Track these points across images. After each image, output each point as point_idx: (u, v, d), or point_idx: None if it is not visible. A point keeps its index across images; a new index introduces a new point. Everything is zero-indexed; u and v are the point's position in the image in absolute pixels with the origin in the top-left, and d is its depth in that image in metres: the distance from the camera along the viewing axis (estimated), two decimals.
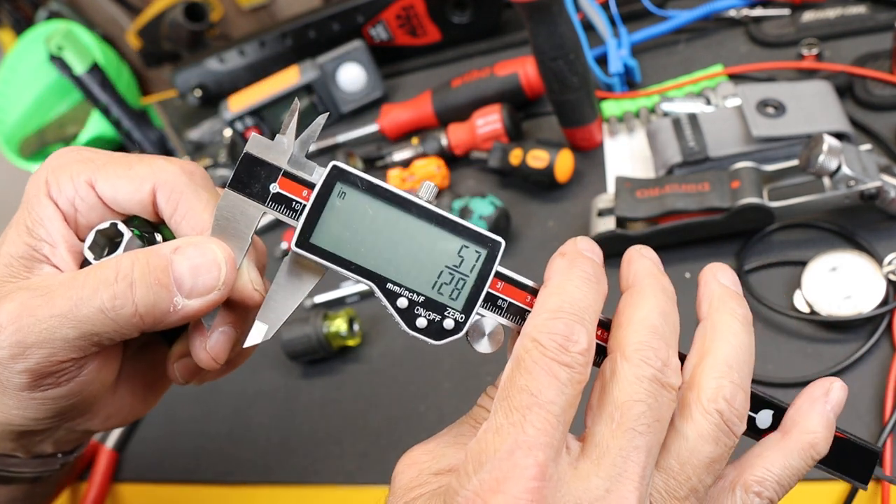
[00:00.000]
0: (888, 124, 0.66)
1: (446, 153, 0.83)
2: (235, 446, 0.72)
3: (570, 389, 0.30)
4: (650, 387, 0.31)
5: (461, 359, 0.68)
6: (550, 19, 0.66)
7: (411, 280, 0.34)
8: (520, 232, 0.75)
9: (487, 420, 0.30)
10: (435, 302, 0.34)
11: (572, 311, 0.31)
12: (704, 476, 0.32)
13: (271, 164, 0.34)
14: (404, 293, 0.34)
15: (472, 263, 0.34)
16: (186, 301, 0.35)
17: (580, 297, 0.32)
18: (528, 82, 0.83)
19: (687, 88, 0.76)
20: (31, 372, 0.34)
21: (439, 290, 0.34)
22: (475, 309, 0.34)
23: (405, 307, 0.34)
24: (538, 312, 0.32)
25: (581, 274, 0.33)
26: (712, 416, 0.32)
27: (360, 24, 0.98)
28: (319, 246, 0.34)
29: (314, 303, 0.78)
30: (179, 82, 1.08)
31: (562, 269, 0.33)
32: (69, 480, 0.74)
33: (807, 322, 0.58)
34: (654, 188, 0.65)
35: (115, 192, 0.38)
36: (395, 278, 0.34)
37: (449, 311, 0.34)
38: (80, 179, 0.37)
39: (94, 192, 0.38)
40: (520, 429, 0.29)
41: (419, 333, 0.34)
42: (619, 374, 0.31)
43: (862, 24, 0.75)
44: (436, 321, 0.34)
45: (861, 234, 0.60)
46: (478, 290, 0.34)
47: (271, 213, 0.34)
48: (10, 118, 1.21)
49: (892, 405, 0.51)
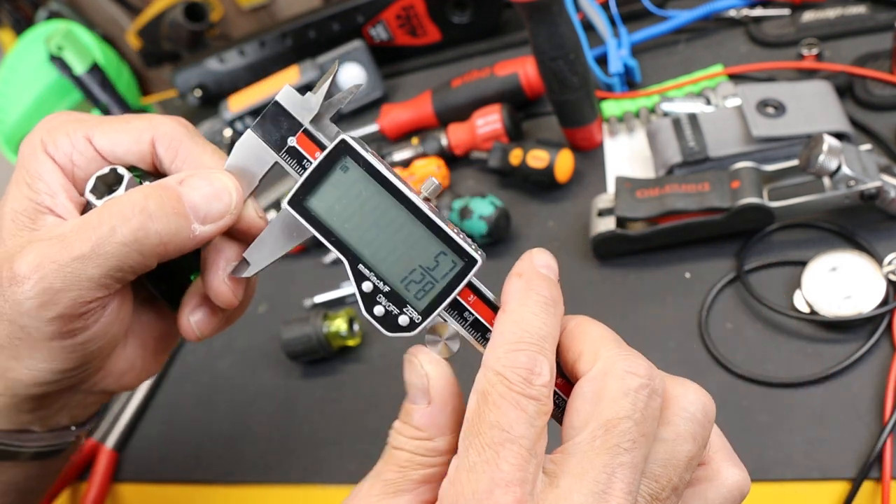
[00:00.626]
0: (888, 124, 0.66)
1: (446, 153, 0.83)
2: (235, 446, 0.72)
3: (538, 421, 0.30)
4: (636, 399, 0.30)
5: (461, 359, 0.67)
6: (550, 19, 0.66)
7: (383, 268, 0.34)
8: (520, 232, 0.75)
9: (458, 458, 0.30)
10: (398, 296, 0.35)
11: (532, 342, 0.31)
12: (685, 474, 0.32)
13: (294, 118, 0.35)
14: (372, 278, 0.35)
15: (444, 271, 0.34)
16: (202, 227, 0.36)
17: (539, 326, 0.32)
18: (528, 82, 0.83)
19: (687, 88, 0.76)
20: (62, 318, 0.35)
21: (406, 285, 0.34)
22: (434, 314, 0.35)
23: (369, 291, 0.35)
24: (499, 343, 0.32)
25: (538, 299, 0.33)
26: (688, 415, 0.32)
27: (360, 24, 0.98)
28: (310, 209, 0.35)
29: (314, 303, 0.78)
30: (179, 82, 1.08)
31: (519, 294, 0.33)
32: (69, 481, 0.74)
33: (807, 322, 0.58)
34: (654, 188, 0.65)
35: (114, 144, 0.39)
36: (369, 262, 0.34)
37: (408, 308, 0.35)
38: (77, 135, 0.38)
39: (92, 146, 0.38)
40: (494, 466, 0.29)
41: (374, 320, 0.35)
42: (604, 391, 0.31)
43: (862, 24, 0.75)
44: (393, 314, 0.35)
45: (861, 234, 0.60)
46: (442, 297, 0.34)
47: (283, 163, 0.36)
48: (10, 118, 1.21)
49: (892, 405, 0.51)
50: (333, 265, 0.81)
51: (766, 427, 0.54)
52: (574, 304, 0.68)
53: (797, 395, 0.55)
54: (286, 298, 0.81)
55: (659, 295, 0.64)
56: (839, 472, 0.51)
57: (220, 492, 0.69)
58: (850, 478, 0.50)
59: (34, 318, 0.35)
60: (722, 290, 0.62)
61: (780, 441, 0.53)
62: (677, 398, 0.32)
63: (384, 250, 0.34)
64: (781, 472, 0.52)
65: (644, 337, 0.62)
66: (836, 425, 0.53)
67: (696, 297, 0.63)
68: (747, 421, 0.55)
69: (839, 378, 0.55)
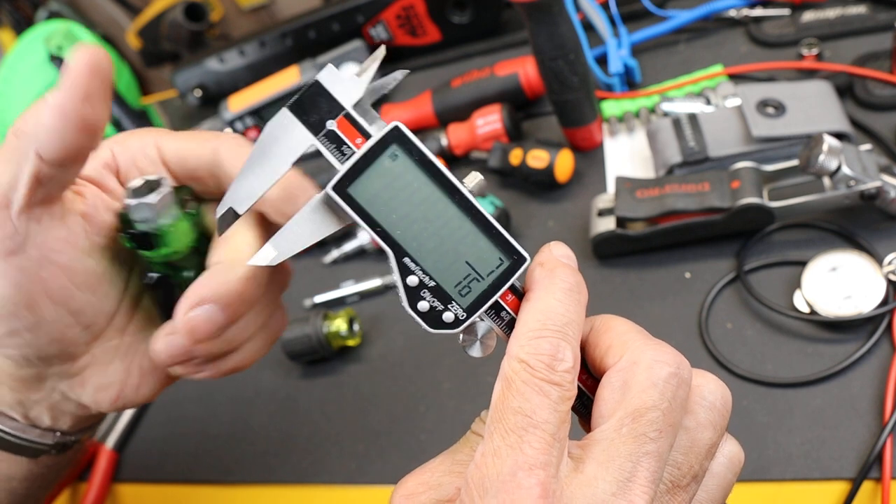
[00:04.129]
0: (888, 124, 0.66)
1: (446, 153, 0.83)
2: (235, 446, 0.72)
3: (562, 406, 0.30)
4: (664, 389, 0.31)
5: (461, 359, 0.68)
6: (550, 19, 0.66)
7: (430, 263, 0.33)
8: (520, 232, 0.75)
9: (483, 444, 0.30)
10: (443, 292, 0.34)
11: (556, 328, 0.31)
12: (704, 462, 0.32)
13: (336, 100, 0.34)
14: (418, 272, 0.33)
15: (491, 269, 0.34)
16: None
17: (562, 312, 0.32)
18: (528, 82, 0.83)
19: (687, 88, 0.76)
20: None
21: (453, 281, 0.34)
22: (478, 312, 0.34)
23: (414, 286, 0.33)
24: (522, 331, 0.32)
25: (562, 285, 0.33)
26: (708, 404, 0.33)
27: (360, 24, 0.98)
28: (354, 197, 0.33)
29: (314, 303, 0.78)
30: (179, 82, 1.08)
31: (542, 281, 0.33)
32: (69, 481, 0.74)
33: (807, 322, 0.58)
34: (654, 188, 0.65)
35: (179, 148, 0.40)
36: (416, 255, 0.33)
37: (454, 304, 0.34)
38: (147, 138, 0.40)
39: (159, 151, 0.40)
40: (518, 450, 0.29)
41: (417, 316, 0.34)
42: (632, 380, 0.31)
43: (862, 24, 0.75)
44: (437, 310, 0.34)
45: (861, 234, 0.60)
46: (487, 295, 0.34)
47: (320, 147, 0.33)
48: (10, 118, 1.21)
49: (892, 405, 0.51)
50: (333, 265, 0.81)
51: (766, 427, 0.54)
52: None
53: (797, 395, 0.55)
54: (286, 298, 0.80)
55: (659, 295, 0.64)
56: (839, 472, 0.51)
57: (220, 492, 0.69)
58: (850, 478, 0.50)
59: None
60: (722, 290, 0.62)
61: (780, 441, 0.53)
62: (698, 387, 0.33)
63: (431, 244, 0.33)
64: (781, 472, 0.52)
65: None
66: (835, 425, 0.53)
67: (696, 296, 0.63)
68: (747, 421, 0.55)
69: (839, 378, 0.55)
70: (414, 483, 0.33)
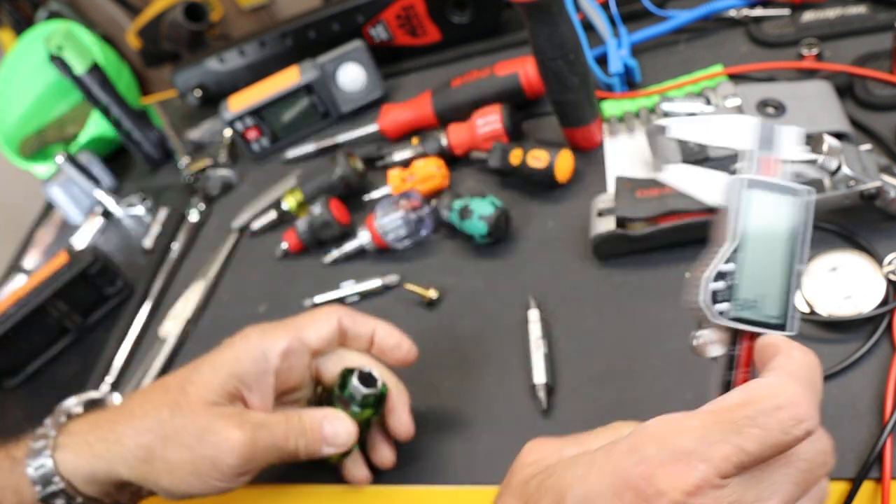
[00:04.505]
0: (888, 124, 0.66)
1: (446, 153, 0.83)
2: None
3: (769, 452, 0.33)
4: (825, 459, 0.37)
5: (461, 358, 0.68)
6: (550, 19, 0.66)
7: (745, 270, 0.40)
8: (520, 232, 0.75)
9: (681, 413, 0.35)
10: (733, 293, 0.40)
11: (813, 419, 0.34)
12: None
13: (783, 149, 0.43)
14: (732, 267, 0.40)
15: (766, 312, 0.40)
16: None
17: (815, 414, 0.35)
18: (528, 82, 0.83)
19: (687, 88, 0.76)
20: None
21: (742, 294, 0.40)
22: (726, 324, 0.40)
23: (727, 271, 0.40)
24: (797, 402, 0.34)
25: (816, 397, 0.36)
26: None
27: (360, 24, 0.98)
28: (750, 196, 0.41)
29: (314, 303, 0.78)
30: (179, 82, 1.08)
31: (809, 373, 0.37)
32: None
33: (807, 322, 0.58)
34: (654, 188, 0.65)
35: (318, 332, 0.56)
36: (744, 259, 0.40)
37: (726, 304, 0.40)
38: (290, 334, 0.56)
39: (301, 340, 0.56)
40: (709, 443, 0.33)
41: (705, 284, 0.40)
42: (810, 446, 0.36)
43: (862, 24, 0.75)
44: (719, 296, 0.40)
45: (861, 234, 0.60)
46: (745, 322, 0.40)
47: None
48: (10, 118, 1.21)
49: (892, 405, 0.51)
50: (333, 265, 0.81)
51: None
52: (574, 304, 0.68)
53: None
54: (286, 298, 0.81)
55: (659, 295, 0.64)
56: (839, 471, 0.50)
57: None
58: (849, 478, 0.50)
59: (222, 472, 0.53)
60: None
61: None
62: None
63: (758, 259, 0.40)
64: None
65: (644, 337, 0.62)
66: (835, 425, 0.52)
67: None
68: None
69: (839, 378, 0.55)
70: (545, 440, 0.42)
